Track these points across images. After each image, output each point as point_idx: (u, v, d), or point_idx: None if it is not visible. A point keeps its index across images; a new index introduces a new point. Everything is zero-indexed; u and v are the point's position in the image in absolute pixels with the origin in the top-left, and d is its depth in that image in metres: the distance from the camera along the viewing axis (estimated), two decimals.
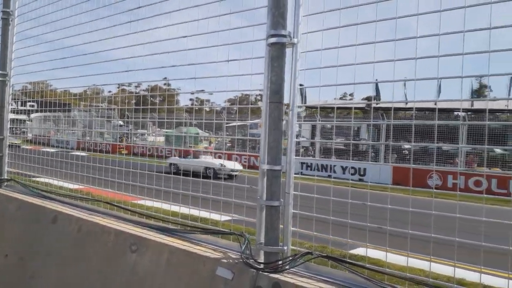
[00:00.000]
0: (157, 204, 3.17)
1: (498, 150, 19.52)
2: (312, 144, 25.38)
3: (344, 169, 20.36)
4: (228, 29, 2.78)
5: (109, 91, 5.33)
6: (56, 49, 4.39)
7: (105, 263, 2.89)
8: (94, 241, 3.04)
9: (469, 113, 21.82)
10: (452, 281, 1.87)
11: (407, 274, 1.90)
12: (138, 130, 5.80)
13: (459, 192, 1.92)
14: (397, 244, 2.14)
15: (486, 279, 2.15)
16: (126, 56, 3.71)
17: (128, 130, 6.02)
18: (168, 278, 2.50)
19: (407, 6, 2.12)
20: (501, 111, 24.49)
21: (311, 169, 21.16)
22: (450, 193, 2.39)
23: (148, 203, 3.39)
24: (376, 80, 2.37)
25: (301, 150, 25.16)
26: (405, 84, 2.31)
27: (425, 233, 1.92)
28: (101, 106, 5.20)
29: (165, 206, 3.17)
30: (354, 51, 2.19)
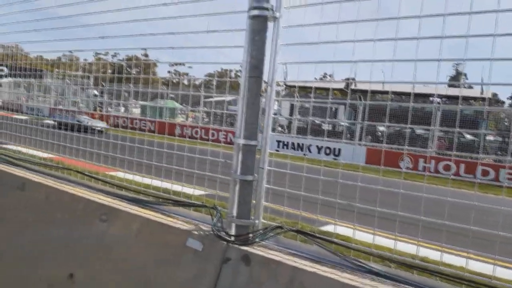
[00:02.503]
0: (129, 176, 3.14)
1: (468, 136, 20.14)
2: (290, 123, 25.49)
3: (319, 148, 20.61)
4: None
5: (85, 59, 5.15)
6: (29, 10, 4.19)
7: (73, 231, 2.86)
8: (62, 209, 2.99)
9: (443, 99, 22.30)
10: (416, 258, 1.95)
11: (374, 250, 1.97)
12: (114, 100, 5.68)
13: (427, 173, 1.98)
14: (367, 223, 2.20)
15: (448, 258, 2.25)
16: (102, 22, 3.58)
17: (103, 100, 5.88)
18: (137, 247, 2.50)
19: None
20: (474, 98, 25.15)
21: (287, 148, 21.29)
22: (419, 174, 2.45)
23: (121, 174, 3.35)
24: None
25: (279, 129, 25.25)
26: (382, 71, 2.32)
27: (392, 211, 1.98)
28: (76, 75, 5.03)
29: (138, 178, 3.15)
30: (336, 29, 2.18)
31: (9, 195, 3.40)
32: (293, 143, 21.45)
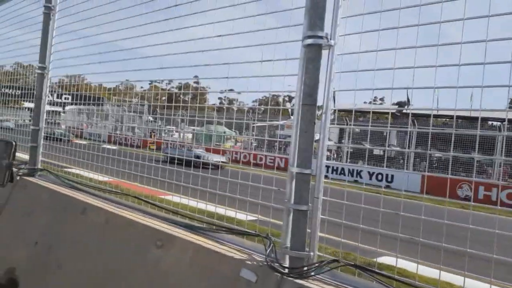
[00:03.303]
0: (184, 200, 3.19)
1: None
2: (338, 148, 25.06)
3: (371, 174, 20.02)
4: (262, 30, 2.76)
5: (141, 87, 5.42)
6: (92, 44, 4.50)
7: (130, 256, 2.93)
8: (120, 234, 3.09)
9: (504, 123, 20.95)
10: None
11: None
12: (167, 126, 5.88)
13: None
14: (429, 256, 2.07)
15: None
16: (160, 54, 3.76)
17: (158, 126, 6.12)
18: (192, 276, 2.50)
19: (447, 13, 2.04)
20: None
21: (336, 173, 20.91)
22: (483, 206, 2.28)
23: (176, 199, 3.42)
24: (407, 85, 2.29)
25: (328, 153, 24.86)
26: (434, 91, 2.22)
27: (459, 247, 1.84)
28: (132, 102, 5.29)
29: (192, 203, 3.19)
30: (389, 56, 2.14)
31: (71, 218, 3.58)
32: (342, 168, 21.03)
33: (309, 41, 2.25)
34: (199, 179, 3.12)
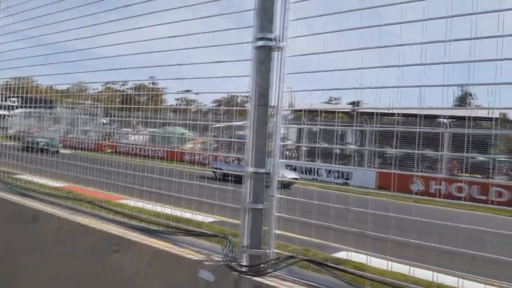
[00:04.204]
0: (140, 204, 3.15)
1: (480, 158, 19.90)
2: (298, 147, 25.49)
3: (328, 172, 20.54)
4: (215, 31, 2.77)
5: (94, 89, 5.26)
6: (39, 45, 4.32)
7: (87, 263, 2.85)
8: (75, 240, 2.99)
9: (451, 120, 22.21)
10: (433, 286, 1.90)
11: (387, 279, 1.92)
12: (123, 129, 5.75)
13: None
14: (380, 248, 2.16)
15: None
16: (112, 55, 3.68)
17: (112, 129, 5.96)
18: (150, 279, 2.48)
19: (395, 14, 2.13)
20: (484, 119, 24.95)
21: (296, 172, 21.27)
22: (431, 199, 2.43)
23: (132, 203, 3.36)
24: (360, 85, 2.39)
25: (287, 153, 25.25)
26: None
27: (405, 238, 1.95)
28: (85, 104, 5.13)
29: (149, 206, 3.15)
30: (347, 56, 2.21)
31: (22, 227, 3.42)
32: (301, 167, 21.42)
33: (260, 43, 2.29)
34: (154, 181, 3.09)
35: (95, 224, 3.02)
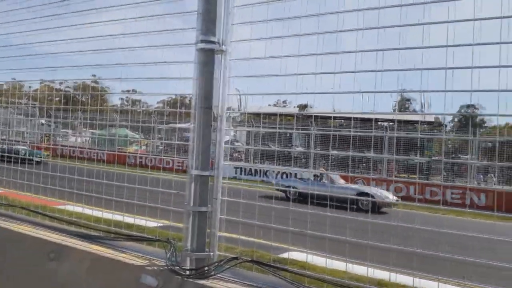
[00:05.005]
0: (79, 209, 3.02)
1: (416, 159, 21.17)
2: (247, 149, 25.67)
3: (277, 174, 20.88)
4: (160, 31, 2.74)
5: (29, 87, 4.96)
6: None
7: (22, 272, 2.69)
8: (8, 249, 2.82)
9: (391, 123, 23.45)
10: (371, 282, 2.00)
11: (326, 276, 2.00)
12: (62, 130, 5.46)
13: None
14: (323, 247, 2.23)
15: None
16: (52, 52, 3.51)
17: (51, 130, 5.65)
18: (90, 286, 2.39)
19: (340, 21, 2.21)
20: (420, 122, 26.59)
21: (245, 174, 21.41)
22: None
23: (70, 208, 3.21)
24: (307, 89, 2.46)
25: (235, 154, 25.35)
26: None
27: (340, 236, 2.04)
28: (21, 103, 4.82)
29: (88, 211, 3.03)
30: (297, 61, 2.26)
31: None
32: (250, 169, 21.60)
33: (202, 45, 2.30)
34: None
35: (30, 231, 2.86)
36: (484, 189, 16.16)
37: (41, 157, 4.71)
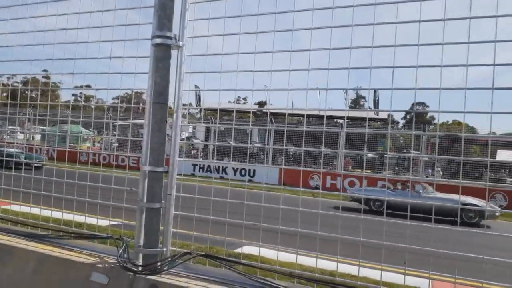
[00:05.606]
0: (25, 208, 2.90)
1: (369, 155, 21.99)
2: (206, 146, 25.50)
3: (235, 170, 20.90)
4: (116, 25, 2.67)
5: None
6: None
7: None
8: None
9: (347, 120, 24.19)
10: (316, 271, 2.09)
11: (277, 267, 2.07)
12: (9, 127, 5.19)
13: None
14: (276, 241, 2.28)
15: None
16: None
17: None
18: (36, 287, 2.31)
19: (297, 20, 2.26)
20: (373, 119, 27.64)
21: (203, 171, 21.26)
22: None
23: (16, 208, 3.07)
24: (265, 86, 2.49)
25: (193, 151, 25.11)
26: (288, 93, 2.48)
27: (293, 228, 2.11)
28: None
29: (36, 210, 2.91)
30: (252, 57, 2.29)
31: None
32: (209, 166, 21.47)
33: (158, 40, 2.28)
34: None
35: None
36: None
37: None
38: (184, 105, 2.44)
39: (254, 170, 20.38)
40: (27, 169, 3.06)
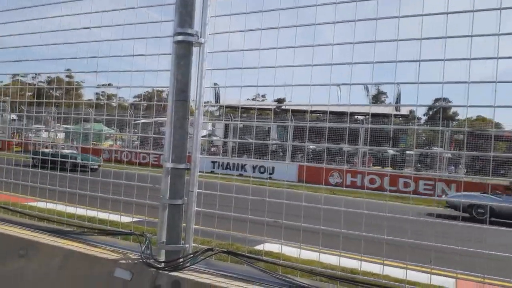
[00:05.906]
0: (51, 205, 2.96)
1: (390, 151, 21.67)
2: (225, 143, 25.62)
3: (254, 167, 20.94)
4: (137, 23, 2.69)
5: (1, 81, 4.81)
6: None
7: None
8: None
9: (366, 117, 23.86)
10: (337, 269, 2.06)
11: (299, 264, 2.05)
12: (34, 126, 5.32)
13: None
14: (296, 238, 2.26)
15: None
16: (22, 45, 3.41)
17: (22, 125, 5.50)
18: (62, 282, 2.36)
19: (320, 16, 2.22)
20: (394, 115, 27.17)
21: (223, 168, 21.39)
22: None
23: (42, 204, 3.15)
24: (285, 82, 2.47)
25: (213, 149, 25.27)
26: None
27: (316, 226, 2.09)
28: None
29: (61, 207, 2.98)
30: (274, 53, 2.26)
31: None
32: (228, 163, 21.57)
33: (179, 38, 2.29)
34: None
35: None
36: None
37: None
38: (205, 102, 2.45)
39: (273, 167, 20.36)
40: (82, 171, 3.07)
